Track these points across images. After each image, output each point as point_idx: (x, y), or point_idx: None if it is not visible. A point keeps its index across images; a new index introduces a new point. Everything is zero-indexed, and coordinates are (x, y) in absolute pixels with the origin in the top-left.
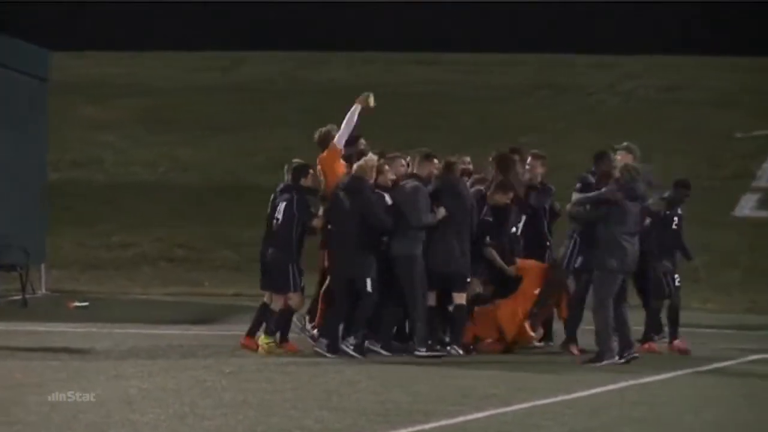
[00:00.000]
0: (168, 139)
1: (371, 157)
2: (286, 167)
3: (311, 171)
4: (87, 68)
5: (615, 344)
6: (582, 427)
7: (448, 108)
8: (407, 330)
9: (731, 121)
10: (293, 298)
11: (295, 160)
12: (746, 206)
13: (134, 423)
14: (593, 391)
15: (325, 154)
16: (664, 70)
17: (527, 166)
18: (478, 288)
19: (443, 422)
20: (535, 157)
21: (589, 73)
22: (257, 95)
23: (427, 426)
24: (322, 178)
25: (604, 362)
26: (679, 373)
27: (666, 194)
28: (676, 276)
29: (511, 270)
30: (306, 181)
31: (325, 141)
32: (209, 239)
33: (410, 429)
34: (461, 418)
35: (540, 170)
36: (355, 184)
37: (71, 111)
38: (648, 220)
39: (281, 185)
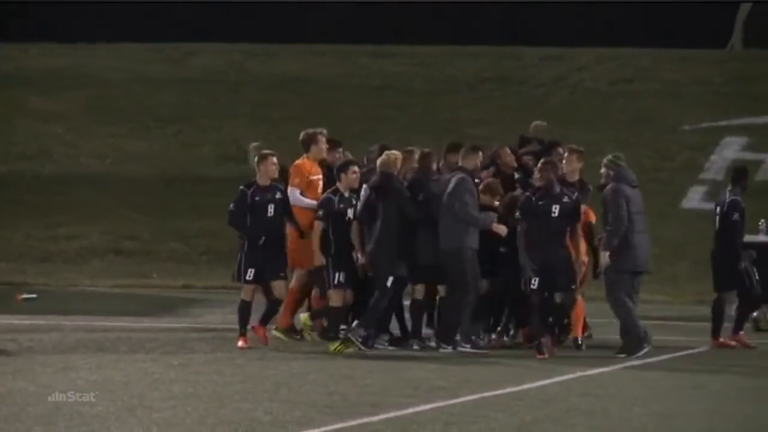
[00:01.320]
0: (117, 130)
1: (394, 152)
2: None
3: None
4: (35, 60)
5: (644, 333)
6: (531, 419)
7: (399, 100)
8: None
9: (679, 114)
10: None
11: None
12: (694, 198)
13: (83, 415)
14: (541, 382)
15: (301, 161)
16: (613, 63)
17: (563, 162)
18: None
19: (392, 414)
20: (571, 151)
21: (538, 66)
22: (206, 87)
23: (375, 418)
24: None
25: (639, 353)
26: (627, 364)
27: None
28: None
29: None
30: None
31: (307, 144)
32: (158, 231)
33: (359, 421)
34: (410, 410)
35: (577, 165)
36: (385, 180)
37: (19, 103)
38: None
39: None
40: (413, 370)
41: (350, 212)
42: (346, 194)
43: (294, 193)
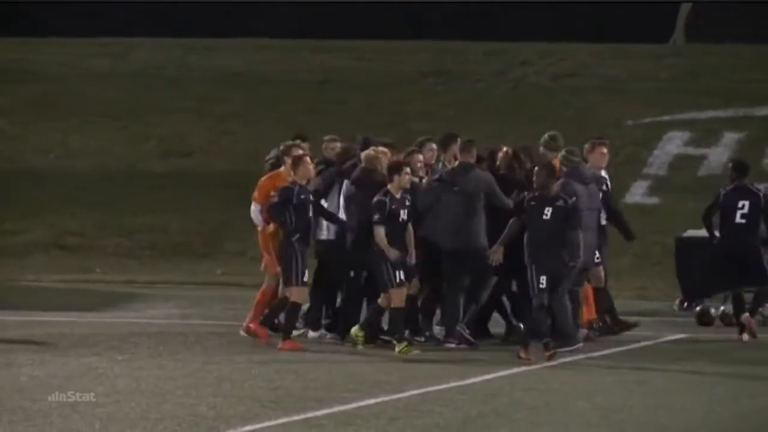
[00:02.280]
0: (60, 125)
1: (380, 148)
2: None
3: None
4: None
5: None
6: (475, 413)
7: (341, 95)
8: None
9: (622, 109)
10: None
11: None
12: (637, 193)
13: (26, 410)
14: (486, 377)
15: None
16: (556, 58)
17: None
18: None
19: (336, 409)
20: (602, 145)
21: (480, 61)
22: (148, 82)
23: (319, 413)
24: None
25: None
26: (570, 359)
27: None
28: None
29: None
30: None
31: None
32: (101, 226)
33: (303, 416)
34: (354, 405)
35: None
36: (367, 176)
37: None
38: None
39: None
40: (357, 364)
41: (403, 213)
42: (398, 195)
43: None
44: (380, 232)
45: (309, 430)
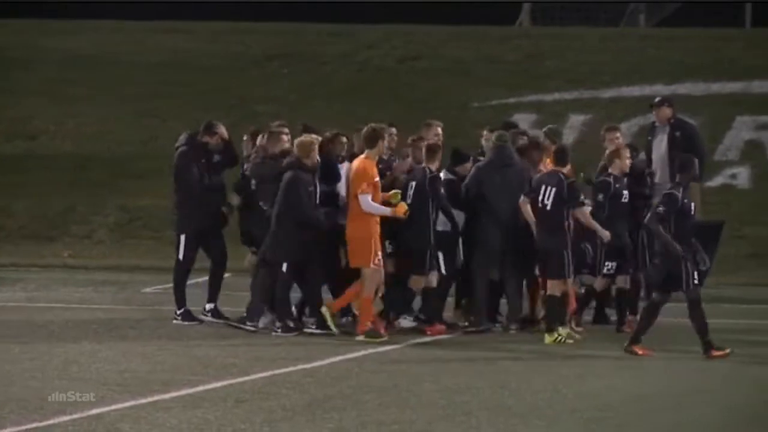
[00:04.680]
0: None
1: (312, 136)
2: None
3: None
4: None
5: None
6: (322, 396)
7: (186, 77)
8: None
9: (468, 91)
10: None
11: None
12: None
13: None
14: (333, 359)
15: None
16: (401, 40)
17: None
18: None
19: (183, 392)
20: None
21: (325, 43)
22: None
23: (167, 395)
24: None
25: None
26: (419, 341)
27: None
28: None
29: None
30: None
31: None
32: None
33: (150, 399)
34: (201, 388)
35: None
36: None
37: None
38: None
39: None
40: (204, 347)
41: None
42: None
43: (366, 199)
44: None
45: (156, 413)
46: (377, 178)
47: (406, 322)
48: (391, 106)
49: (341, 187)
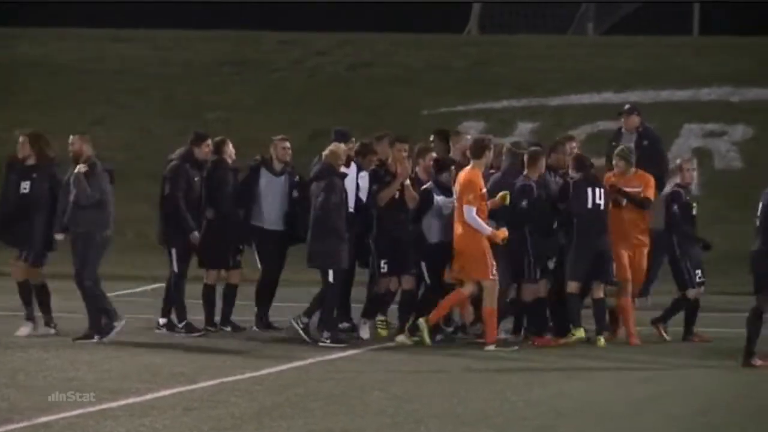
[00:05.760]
0: None
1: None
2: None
3: None
4: None
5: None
6: (270, 403)
7: (138, 84)
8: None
9: (418, 99)
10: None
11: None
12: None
13: None
14: (281, 367)
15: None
16: (352, 47)
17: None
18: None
19: (131, 400)
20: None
21: (276, 50)
22: None
23: (114, 404)
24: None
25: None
26: (366, 349)
27: None
28: None
29: None
30: None
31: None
32: None
33: (98, 407)
34: (149, 396)
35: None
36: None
37: None
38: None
39: None
40: (151, 356)
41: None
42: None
43: (471, 212)
44: None
45: (105, 421)
46: (484, 189)
47: (401, 338)
48: (342, 114)
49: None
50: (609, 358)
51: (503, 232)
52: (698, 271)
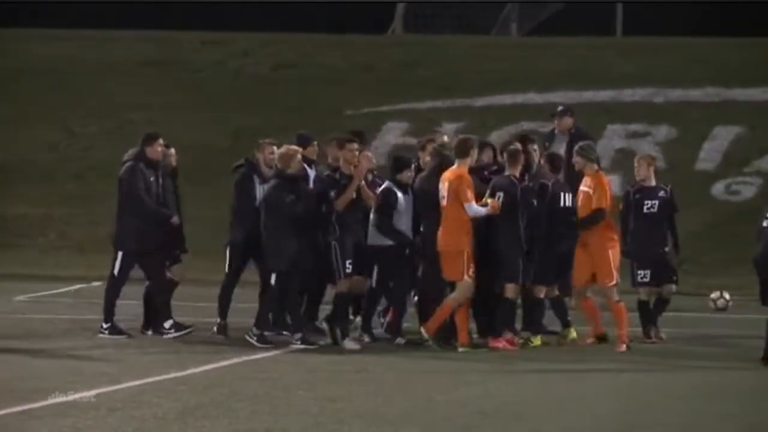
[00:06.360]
0: None
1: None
2: None
3: None
4: None
5: None
6: (194, 403)
7: (58, 83)
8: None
9: (342, 99)
10: None
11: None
12: None
13: None
14: (205, 367)
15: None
16: (275, 48)
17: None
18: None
19: (55, 400)
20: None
21: (199, 50)
22: None
23: (36, 405)
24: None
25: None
26: (290, 350)
27: None
28: None
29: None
30: None
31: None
32: None
33: (21, 408)
34: (73, 396)
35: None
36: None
37: None
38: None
39: None
40: (76, 356)
41: None
42: None
43: (472, 206)
44: None
45: (28, 421)
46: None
47: (350, 343)
48: (266, 114)
49: None
50: (534, 358)
51: (494, 202)
52: (640, 272)
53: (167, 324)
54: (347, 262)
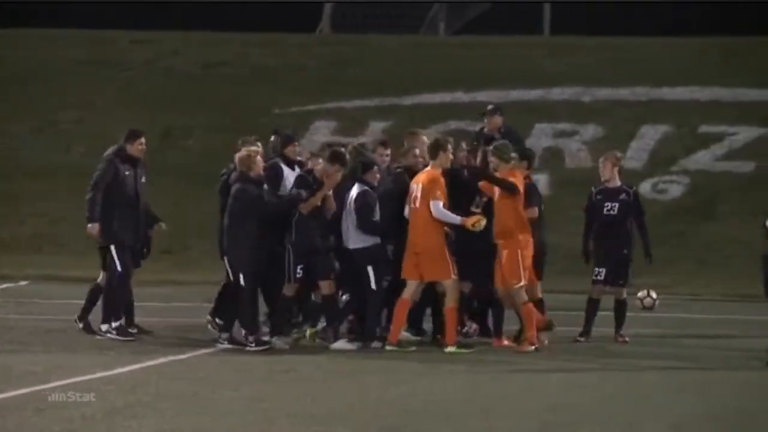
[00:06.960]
0: None
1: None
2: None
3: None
4: None
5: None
6: (122, 403)
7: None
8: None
9: (270, 98)
10: None
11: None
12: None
13: None
14: (132, 367)
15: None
16: (205, 47)
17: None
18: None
19: None
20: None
21: (128, 49)
22: None
23: None
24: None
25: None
26: (218, 349)
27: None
28: None
29: None
30: None
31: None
32: None
33: None
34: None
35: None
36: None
37: None
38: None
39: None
40: (3, 355)
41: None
42: None
43: (438, 206)
44: None
45: None
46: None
47: (280, 342)
48: (196, 112)
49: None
50: (462, 359)
51: (474, 218)
52: (596, 269)
53: (115, 324)
54: (299, 267)
